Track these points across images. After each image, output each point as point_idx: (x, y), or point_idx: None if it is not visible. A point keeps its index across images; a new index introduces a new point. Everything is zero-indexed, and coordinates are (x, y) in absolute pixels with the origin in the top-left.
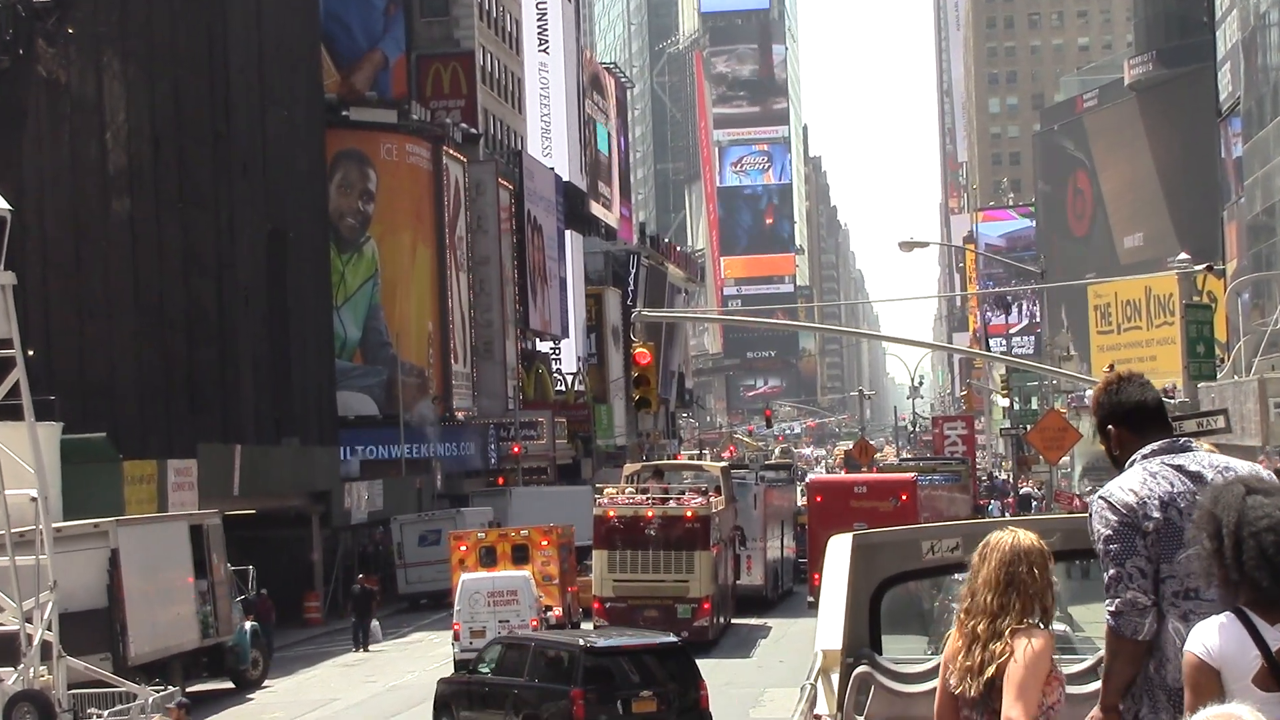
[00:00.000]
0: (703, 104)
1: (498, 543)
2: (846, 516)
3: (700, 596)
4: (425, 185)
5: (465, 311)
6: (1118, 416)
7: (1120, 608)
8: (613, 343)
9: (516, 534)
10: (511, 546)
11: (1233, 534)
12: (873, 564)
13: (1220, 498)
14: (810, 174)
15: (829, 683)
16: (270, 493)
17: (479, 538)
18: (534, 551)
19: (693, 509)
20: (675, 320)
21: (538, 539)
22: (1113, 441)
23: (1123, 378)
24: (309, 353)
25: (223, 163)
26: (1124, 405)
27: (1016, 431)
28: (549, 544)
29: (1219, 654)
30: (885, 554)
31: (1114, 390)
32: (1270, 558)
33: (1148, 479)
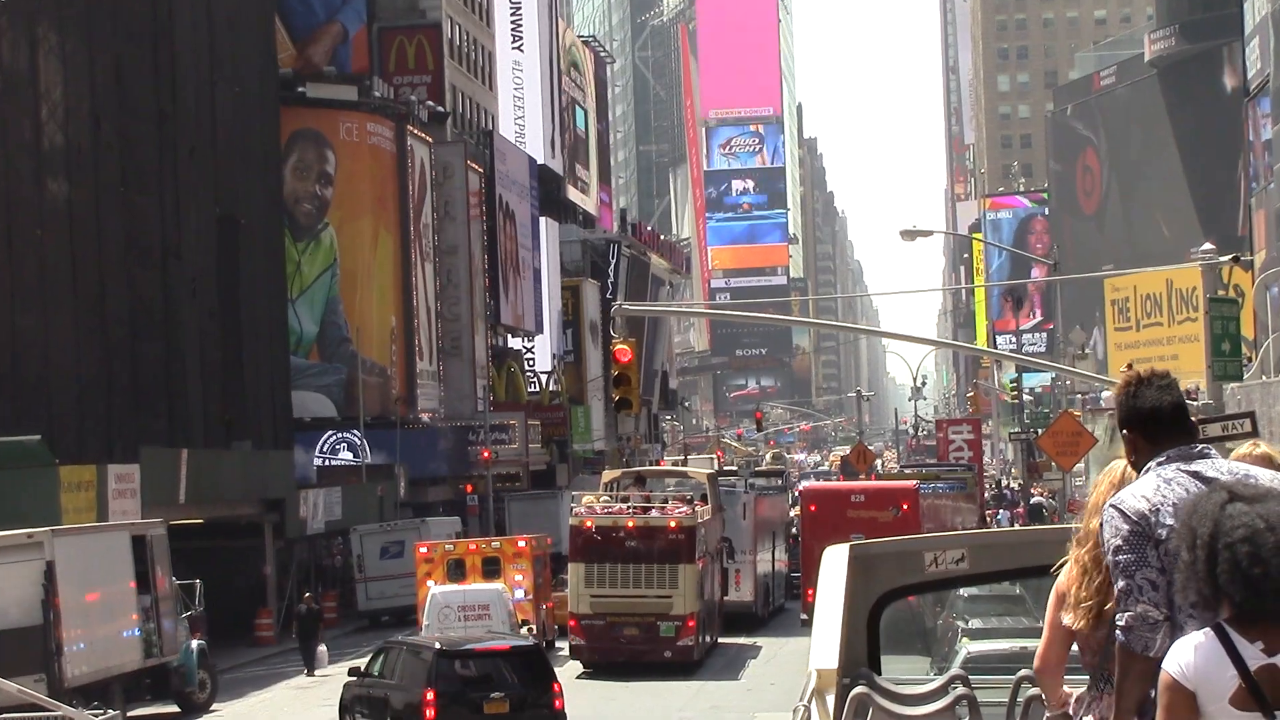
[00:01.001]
0: (688, 81)
1: (467, 555)
2: (843, 527)
3: (684, 613)
4: (388, 168)
5: (431, 305)
6: (1134, 421)
7: (1130, 622)
8: (591, 339)
9: (487, 545)
10: (482, 559)
11: (1206, 545)
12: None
13: (1198, 507)
14: (805, 157)
15: (824, 705)
16: (219, 500)
17: (447, 549)
18: (506, 564)
19: (677, 519)
20: (659, 314)
21: (510, 550)
22: (1129, 447)
23: (1142, 379)
24: (262, 349)
25: (168, 143)
26: (1140, 409)
27: (1027, 436)
28: (523, 556)
29: (1194, 673)
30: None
31: (1131, 393)
32: (1244, 570)
33: (1161, 486)
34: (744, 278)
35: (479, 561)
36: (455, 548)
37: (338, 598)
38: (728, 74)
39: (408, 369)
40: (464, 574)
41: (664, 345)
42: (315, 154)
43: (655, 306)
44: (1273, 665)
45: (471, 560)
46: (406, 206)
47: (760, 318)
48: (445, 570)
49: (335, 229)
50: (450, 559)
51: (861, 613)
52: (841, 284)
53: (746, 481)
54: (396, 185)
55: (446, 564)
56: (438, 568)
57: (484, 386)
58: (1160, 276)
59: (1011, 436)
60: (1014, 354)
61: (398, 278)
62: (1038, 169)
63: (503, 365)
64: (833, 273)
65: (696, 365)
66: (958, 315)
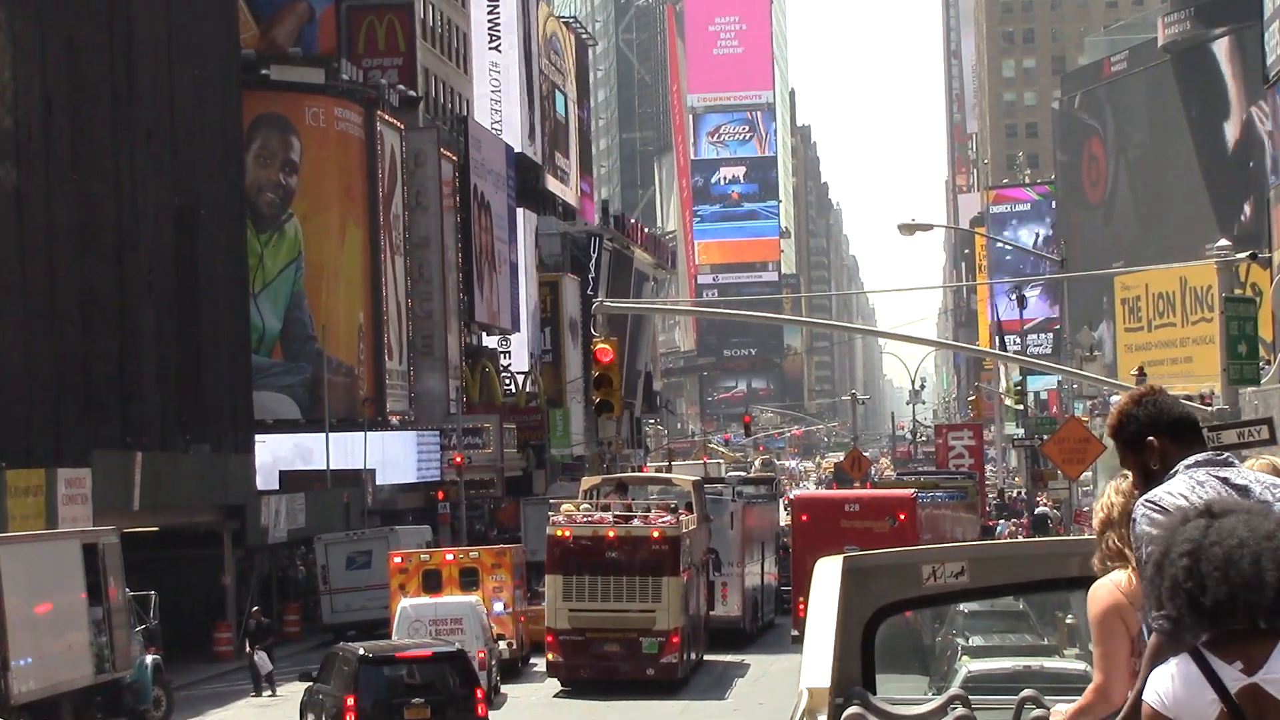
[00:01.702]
0: (675, 65)
1: (444, 565)
2: (836, 538)
3: (668, 629)
4: (356, 155)
5: (401, 301)
6: (1161, 426)
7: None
8: (570, 338)
9: (465, 555)
10: (459, 570)
11: (1156, 564)
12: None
13: (1165, 525)
14: (798, 146)
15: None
16: (176, 507)
17: (422, 559)
18: (485, 575)
19: (660, 529)
20: (642, 312)
21: (489, 560)
22: (1154, 453)
23: (1155, 390)
24: (222, 347)
25: (124, 128)
26: (1169, 414)
27: (1031, 442)
28: (502, 566)
29: (1174, 702)
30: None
31: (1151, 401)
32: (1180, 584)
33: (1195, 487)
34: (733, 273)
35: (456, 572)
36: (431, 558)
37: (301, 610)
38: (716, 58)
39: (376, 368)
40: (440, 585)
41: (648, 345)
42: (279, 140)
43: (639, 304)
44: (1254, 685)
45: (448, 571)
46: (376, 196)
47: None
48: (420, 581)
49: (300, 220)
50: (426, 569)
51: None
52: (836, 280)
53: (734, 489)
54: (365, 174)
55: (422, 575)
56: (413, 579)
57: (457, 388)
58: (1173, 274)
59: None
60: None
61: (366, 272)
62: (1044, 159)
63: (477, 365)
64: (827, 269)
65: (682, 366)
66: (959, 314)
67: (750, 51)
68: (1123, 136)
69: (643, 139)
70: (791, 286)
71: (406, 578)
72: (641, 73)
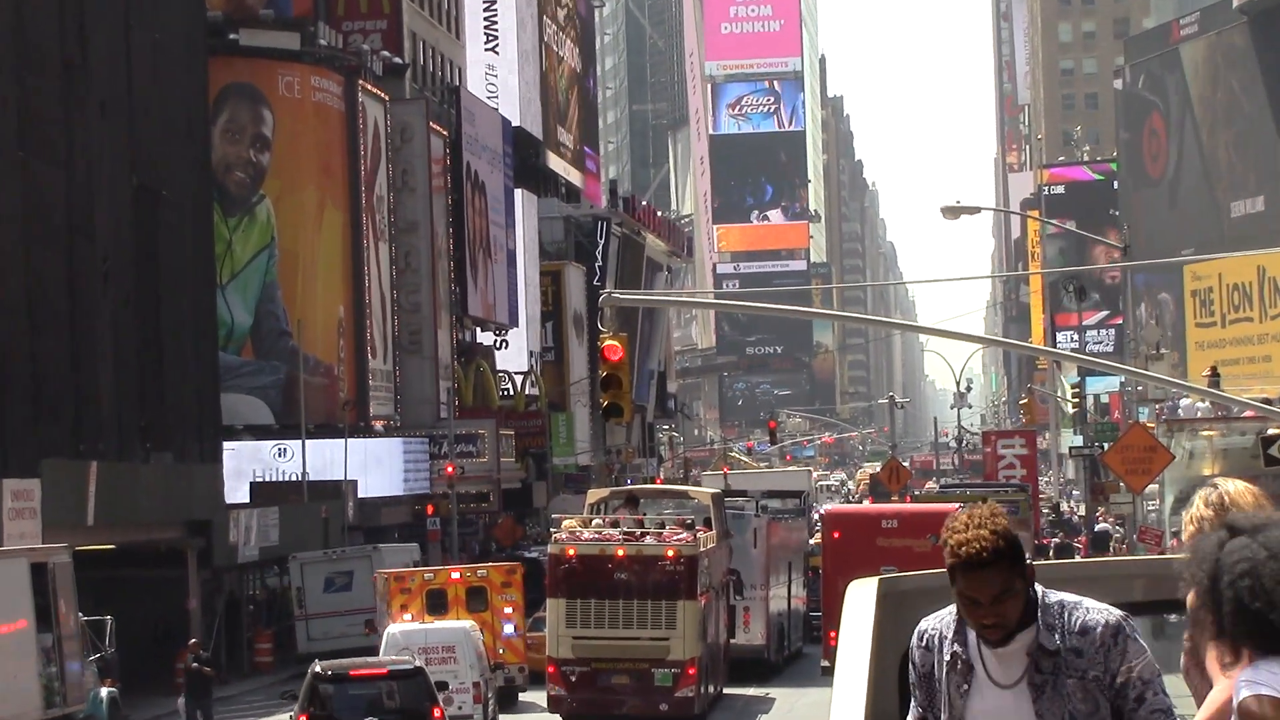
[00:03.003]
0: (691, 29)
1: (449, 584)
2: (872, 558)
3: (684, 659)
4: (335, 130)
5: (386, 292)
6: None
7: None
8: (575, 334)
9: (472, 573)
10: (466, 589)
11: (1208, 591)
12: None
13: (1198, 549)
14: (829, 119)
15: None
16: (135, 522)
17: (426, 578)
18: (494, 594)
19: (675, 547)
20: (655, 305)
21: (498, 579)
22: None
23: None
24: (186, 344)
25: (76, 100)
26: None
27: (1091, 451)
28: (513, 586)
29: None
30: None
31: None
32: (1246, 604)
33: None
34: (756, 262)
35: (463, 592)
36: (436, 576)
37: (274, 638)
38: (738, 20)
39: (358, 368)
40: (446, 606)
41: (661, 342)
42: (250, 113)
43: (651, 296)
44: None
45: (454, 590)
46: (357, 176)
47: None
48: (424, 602)
49: (273, 202)
50: (430, 589)
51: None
52: (871, 270)
53: (758, 503)
54: (345, 150)
55: (425, 595)
56: (415, 599)
57: (448, 389)
58: (1250, 262)
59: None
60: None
61: (347, 260)
62: (1105, 134)
63: (470, 364)
64: (861, 256)
65: (700, 366)
66: (1009, 308)
67: (776, 14)
68: (1190, 109)
69: (655, 111)
70: (822, 277)
71: (409, 598)
72: (654, 37)
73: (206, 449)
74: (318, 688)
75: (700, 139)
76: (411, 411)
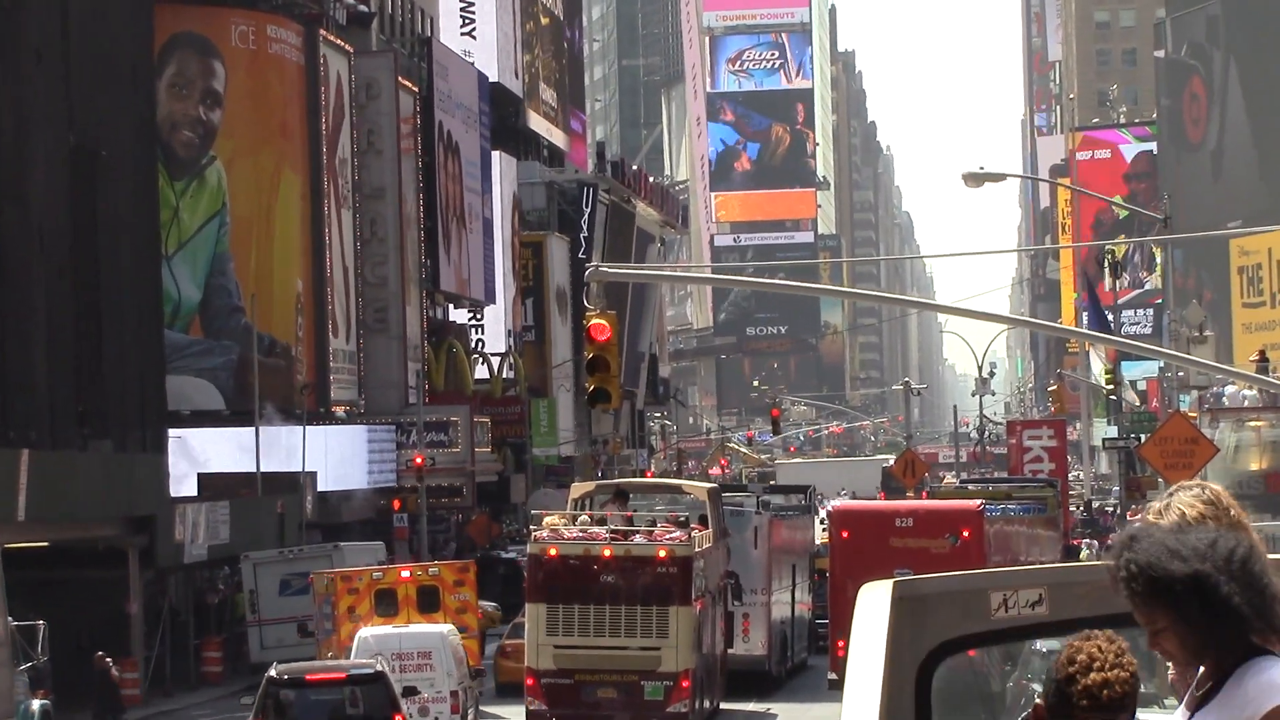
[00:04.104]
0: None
1: (399, 583)
2: (885, 559)
3: (677, 670)
4: (294, 85)
5: (350, 265)
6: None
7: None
8: (558, 311)
9: (424, 572)
10: (417, 589)
11: (1213, 585)
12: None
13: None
14: (840, 76)
15: None
16: (71, 517)
17: (374, 577)
18: (446, 594)
19: (668, 547)
20: (647, 280)
21: (450, 578)
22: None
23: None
24: (128, 320)
25: (7, 51)
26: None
27: (1126, 443)
28: (466, 585)
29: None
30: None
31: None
32: (1261, 588)
33: None
34: (758, 233)
35: (413, 592)
36: (385, 575)
37: (223, 646)
38: None
39: (318, 348)
40: (396, 607)
41: (653, 321)
42: (199, 66)
43: (642, 270)
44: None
45: (405, 590)
46: (318, 136)
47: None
48: (372, 602)
49: (225, 164)
50: (379, 589)
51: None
52: (886, 243)
53: (759, 499)
54: (305, 108)
55: (374, 595)
56: (364, 600)
57: (417, 372)
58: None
59: (1106, 444)
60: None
61: (306, 229)
62: (1145, 94)
63: (442, 345)
64: (874, 228)
65: (695, 347)
66: (1036, 285)
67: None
68: (1235, 67)
69: (647, 67)
70: (831, 250)
71: (357, 599)
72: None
73: (150, 437)
74: (273, 693)
75: (697, 97)
76: (377, 396)
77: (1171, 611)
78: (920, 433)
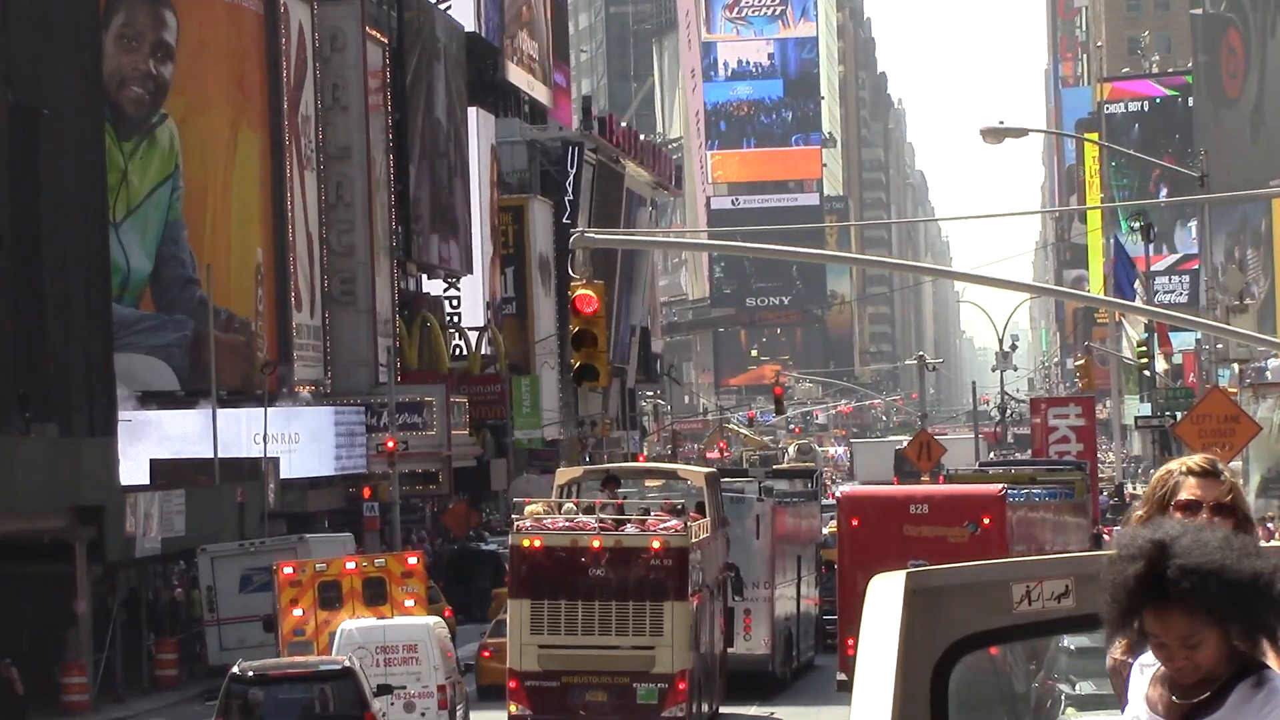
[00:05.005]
0: None
1: (344, 575)
2: (898, 549)
3: (672, 671)
4: (252, 36)
5: (314, 232)
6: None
7: None
8: (540, 281)
9: (370, 563)
10: (363, 581)
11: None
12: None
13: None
14: (846, 23)
15: None
16: (11, 509)
17: (318, 569)
18: (393, 586)
19: (662, 538)
20: (637, 247)
21: (398, 569)
22: None
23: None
24: (72, 293)
25: None
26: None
27: (1160, 422)
28: (415, 576)
29: None
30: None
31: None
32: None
33: None
34: (758, 195)
35: (359, 584)
36: (329, 566)
37: (179, 647)
38: None
39: (280, 323)
40: (340, 600)
41: (645, 291)
42: (148, 16)
43: (633, 236)
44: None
45: (349, 582)
46: (279, 91)
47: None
48: (315, 595)
49: (177, 123)
50: (322, 581)
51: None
52: (898, 205)
53: (761, 485)
54: (264, 61)
55: (317, 587)
56: (306, 593)
57: (388, 349)
58: None
59: (1139, 423)
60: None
61: (266, 193)
62: (1179, 41)
63: (415, 318)
64: (884, 189)
65: (691, 320)
66: (1061, 250)
67: None
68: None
69: (637, 15)
70: (838, 213)
71: (299, 591)
72: None
73: (98, 420)
74: (237, 691)
75: (691, 47)
76: (344, 375)
77: (1234, 614)
78: (936, 412)
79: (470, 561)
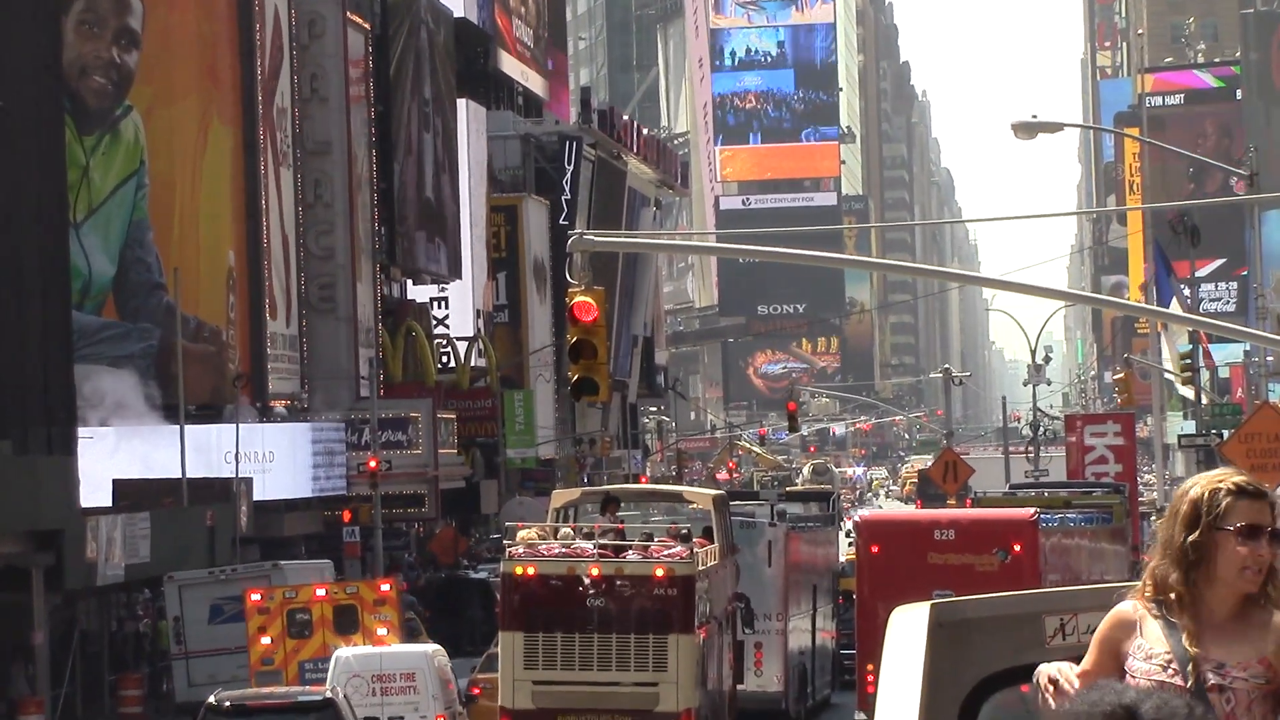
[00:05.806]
0: None
1: (314, 603)
2: (921, 578)
3: (677, 710)
4: (224, 22)
5: (290, 234)
6: None
7: None
8: (536, 288)
9: (341, 590)
10: (334, 609)
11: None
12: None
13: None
14: (866, 9)
15: None
16: None
17: (287, 596)
18: (365, 614)
19: (666, 565)
20: (640, 250)
21: (370, 596)
22: None
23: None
24: (29, 300)
25: None
26: None
27: (1206, 441)
28: (388, 603)
29: None
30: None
31: None
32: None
33: None
34: (771, 194)
35: (329, 612)
36: (299, 594)
37: (144, 682)
38: None
39: (253, 332)
40: (311, 629)
41: (648, 299)
42: (112, 0)
43: (636, 238)
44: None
45: (320, 610)
46: (252, 82)
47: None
48: (284, 624)
49: (143, 115)
50: (291, 608)
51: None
52: (921, 205)
53: (774, 508)
54: (237, 49)
55: (286, 615)
56: (274, 620)
57: (370, 360)
58: None
59: (1183, 441)
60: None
61: (238, 191)
62: (1226, 31)
63: (400, 328)
64: (908, 187)
65: (698, 330)
66: (1099, 256)
67: None
68: None
69: (640, 0)
70: (857, 213)
71: (268, 619)
72: None
73: (56, 437)
74: (207, 718)
75: (699, 35)
76: (323, 389)
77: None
78: (963, 429)
79: (459, 590)
